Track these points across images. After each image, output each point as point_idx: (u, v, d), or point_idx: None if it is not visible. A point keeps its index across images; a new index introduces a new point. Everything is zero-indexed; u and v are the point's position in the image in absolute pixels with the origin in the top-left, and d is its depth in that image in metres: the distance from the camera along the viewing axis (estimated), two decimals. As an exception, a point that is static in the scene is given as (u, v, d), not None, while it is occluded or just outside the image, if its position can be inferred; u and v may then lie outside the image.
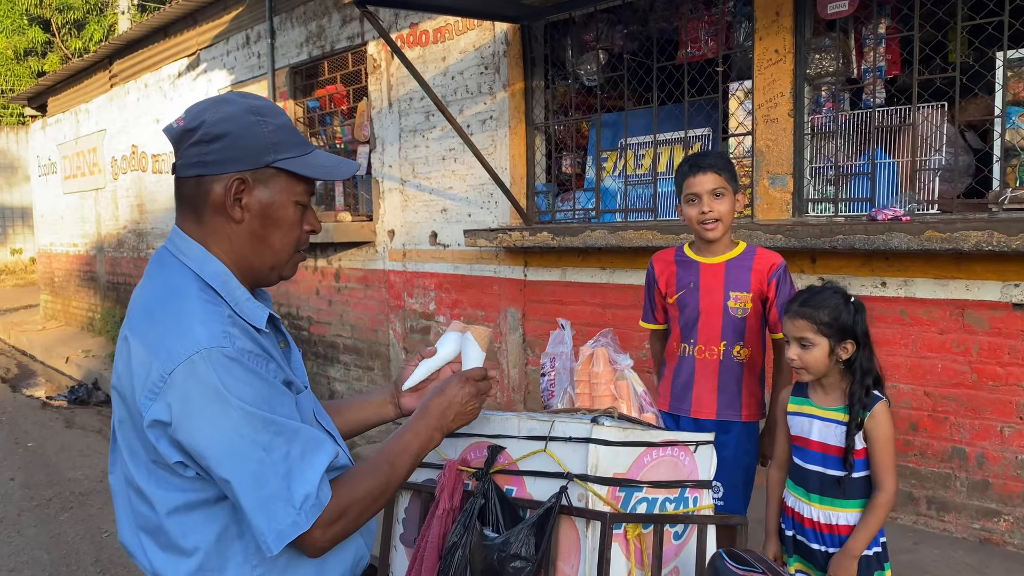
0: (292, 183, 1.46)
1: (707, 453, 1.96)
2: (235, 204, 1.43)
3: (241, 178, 1.42)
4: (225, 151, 1.40)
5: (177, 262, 1.45)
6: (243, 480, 1.31)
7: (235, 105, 1.44)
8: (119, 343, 1.42)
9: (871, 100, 4.06)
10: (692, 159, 2.76)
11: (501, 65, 5.51)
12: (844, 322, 2.26)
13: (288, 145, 1.45)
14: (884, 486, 2.27)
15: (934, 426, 3.72)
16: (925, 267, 3.67)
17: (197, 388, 1.29)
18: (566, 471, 1.76)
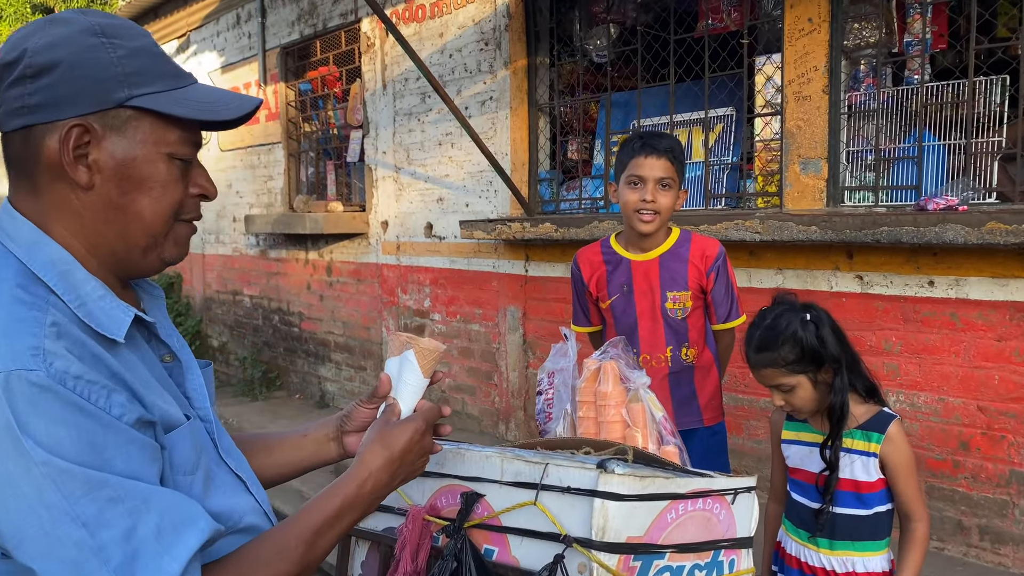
0: (161, 129, 1.04)
1: (748, 503, 1.52)
2: (77, 162, 1.01)
3: (82, 124, 1.00)
4: (56, 88, 0.99)
5: (2, 247, 1.02)
6: (55, 573, 0.88)
7: (70, 24, 1.02)
8: None
9: (914, 77, 3.60)
10: (646, 137, 2.43)
11: (502, 40, 5.05)
12: (812, 348, 1.93)
13: (151, 75, 1.03)
14: (918, 515, 1.94)
15: (989, 446, 3.26)
16: (981, 264, 3.21)
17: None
18: (563, 533, 1.32)
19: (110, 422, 0.93)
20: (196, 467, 1.07)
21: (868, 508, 1.96)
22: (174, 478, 1.03)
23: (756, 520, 1.54)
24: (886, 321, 3.51)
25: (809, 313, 2.00)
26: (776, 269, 3.83)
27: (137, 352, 1.07)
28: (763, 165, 3.94)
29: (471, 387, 5.54)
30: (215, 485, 1.10)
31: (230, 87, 8.07)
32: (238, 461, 1.22)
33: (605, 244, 2.61)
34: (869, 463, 1.95)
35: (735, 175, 4.14)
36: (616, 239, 2.59)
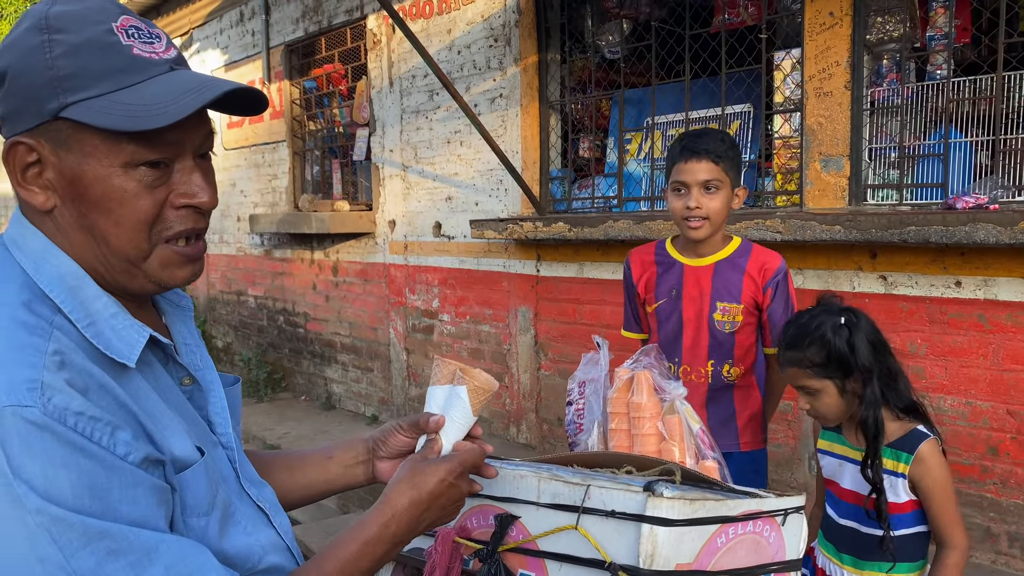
0: (110, 139, 0.89)
1: (797, 523, 1.43)
2: (30, 183, 0.91)
3: (23, 143, 0.89)
4: (6, 101, 0.89)
5: (10, 259, 0.93)
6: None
7: (24, 20, 0.89)
8: None
9: (937, 72, 3.51)
10: (687, 139, 2.30)
11: (512, 36, 4.96)
12: (841, 353, 1.85)
13: (89, 76, 0.87)
14: (953, 543, 1.84)
15: (1019, 451, 3.18)
16: (1011, 264, 3.12)
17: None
18: (608, 560, 1.24)
19: (114, 463, 0.84)
20: (212, 507, 0.99)
21: (896, 529, 1.88)
22: (186, 521, 0.94)
23: (805, 541, 1.46)
24: (911, 323, 3.42)
25: (845, 317, 1.92)
26: (796, 269, 3.74)
27: (151, 377, 0.98)
28: (782, 163, 3.85)
29: (481, 389, 5.45)
30: (234, 522, 1.02)
31: (234, 85, 7.98)
32: (260, 490, 1.14)
33: (659, 246, 2.48)
34: (897, 483, 1.88)
35: (753, 173, 4.05)
36: (672, 242, 2.46)
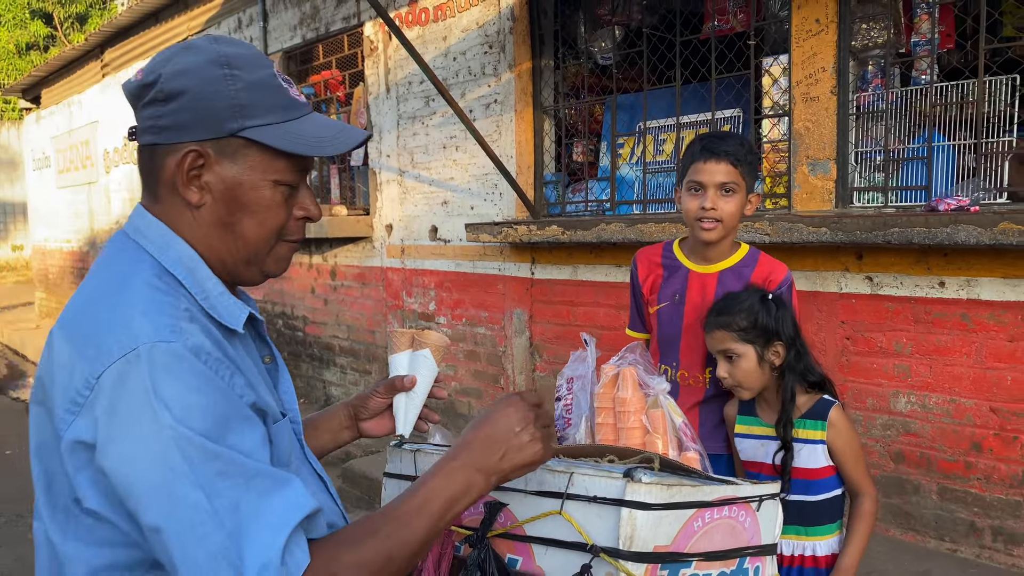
0: (269, 158, 1.11)
1: (772, 509, 1.51)
2: (190, 183, 1.10)
3: (197, 150, 1.08)
4: (180, 114, 1.07)
5: (135, 245, 1.11)
6: (175, 531, 0.94)
7: (200, 53, 1.09)
8: (45, 345, 1.07)
9: (921, 77, 3.59)
10: (707, 140, 2.29)
11: (507, 43, 5.04)
12: (765, 323, 1.99)
13: (263, 108, 1.09)
14: (865, 492, 2.00)
15: (1002, 447, 3.25)
16: (992, 264, 3.20)
17: (127, 397, 0.95)
18: (590, 543, 1.31)
19: (234, 399, 1.01)
20: (290, 462, 1.15)
21: (817, 495, 1.99)
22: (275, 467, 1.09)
23: (780, 526, 1.53)
24: (896, 322, 3.50)
25: (772, 295, 2.06)
26: (785, 271, 3.81)
27: (246, 348, 1.15)
28: (771, 166, 3.93)
29: (477, 390, 5.52)
30: (304, 482, 1.13)
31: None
32: (316, 463, 1.28)
33: (667, 247, 2.47)
34: (817, 450, 1.99)
35: (742, 176, 4.12)
36: (680, 245, 2.45)
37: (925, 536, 3.48)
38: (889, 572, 3.30)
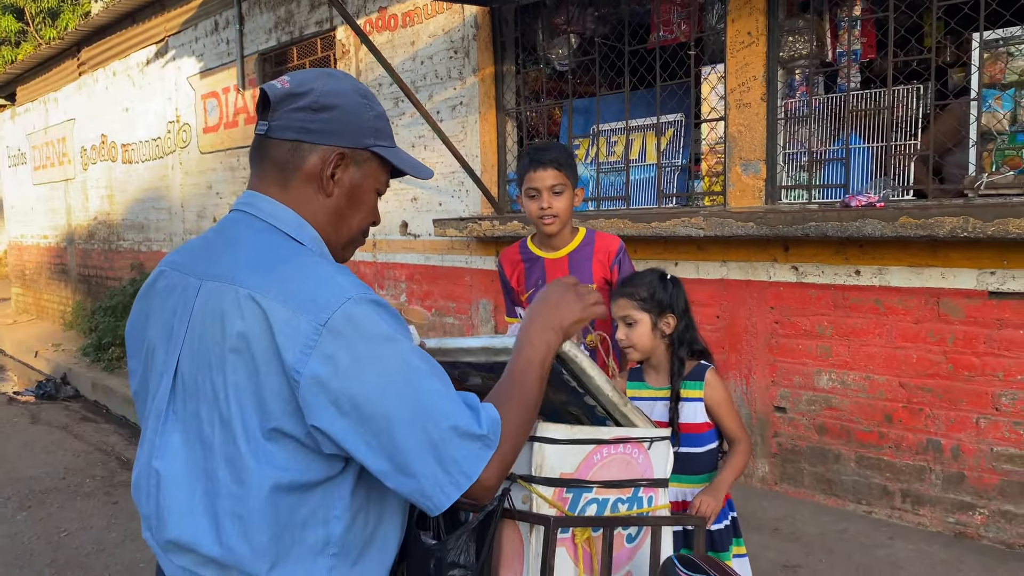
0: (380, 171, 1.44)
1: (662, 450, 1.85)
2: (330, 177, 1.37)
3: (342, 153, 1.38)
4: (332, 123, 1.36)
5: (266, 225, 1.35)
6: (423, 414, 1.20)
7: (345, 82, 1.39)
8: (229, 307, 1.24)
9: (846, 84, 3.96)
10: (533, 152, 2.74)
11: (471, 49, 5.36)
12: (661, 297, 2.35)
13: (384, 134, 1.44)
14: (739, 438, 2.35)
15: (909, 418, 3.63)
16: (900, 255, 3.58)
17: (358, 332, 1.20)
18: (510, 472, 1.64)
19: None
20: None
21: (699, 447, 2.34)
22: None
23: (671, 465, 1.88)
24: (819, 307, 3.87)
25: (671, 275, 2.42)
26: (721, 262, 4.18)
27: None
28: (709, 167, 4.29)
29: (445, 377, 5.85)
30: None
31: (210, 91, 8.31)
32: None
33: (523, 244, 2.90)
34: (697, 407, 2.34)
35: (685, 176, 4.49)
36: (532, 240, 2.88)
37: (845, 500, 3.86)
38: (810, 532, 3.67)
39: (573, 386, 1.68)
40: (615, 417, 1.78)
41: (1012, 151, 3.37)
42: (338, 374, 1.18)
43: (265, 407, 1.22)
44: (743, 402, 4.16)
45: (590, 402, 1.75)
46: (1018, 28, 3.30)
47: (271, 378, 1.21)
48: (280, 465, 1.23)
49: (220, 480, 1.25)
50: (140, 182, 9.82)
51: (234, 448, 1.24)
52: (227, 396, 1.24)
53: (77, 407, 8.16)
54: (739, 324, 4.14)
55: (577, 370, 1.61)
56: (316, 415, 1.19)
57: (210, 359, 1.26)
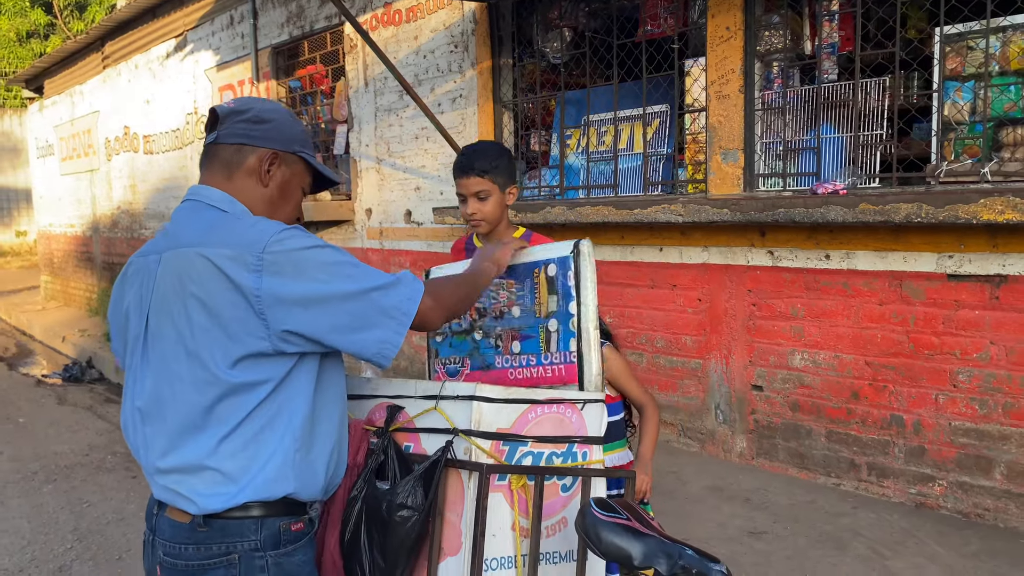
0: (304, 173, 1.81)
1: (596, 411, 2.07)
2: (266, 172, 1.73)
3: (276, 154, 1.74)
4: (269, 131, 1.74)
5: (207, 206, 1.68)
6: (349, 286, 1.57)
7: (277, 105, 1.86)
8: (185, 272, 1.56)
9: (825, 76, 4.12)
10: (461, 158, 2.77)
11: (470, 44, 5.57)
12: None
13: (308, 145, 1.83)
14: (644, 402, 2.56)
15: (874, 394, 3.81)
16: (866, 239, 3.75)
17: (289, 249, 1.55)
18: (453, 426, 1.87)
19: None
20: None
21: (609, 416, 2.47)
22: None
23: (605, 424, 2.09)
24: (792, 290, 4.06)
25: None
26: (703, 247, 4.37)
27: None
28: (692, 156, 4.48)
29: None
30: None
31: (226, 83, 8.59)
32: None
33: (469, 239, 2.97)
34: None
35: (670, 165, 4.68)
36: (476, 236, 2.91)
37: (816, 473, 4.06)
38: (781, 502, 3.87)
39: (570, 287, 2.09)
40: (582, 336, 2.09)
41: (971, 140, 3.53)
42: (287, 282, 1.53)
43: (232, 336, 1.53)
44: (723, 380, 4.37)
45: (573, 310, 2.09)
46: (976, 23, 3.45)
47: (230, 309, 1.52)
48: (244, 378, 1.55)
49: (190, 401, 1.56)
50: (161, 172, 10.15)
51: (202, 371, 1.54)
52: (192, 334, 1.55)
53: (101, 389, 8.51)
54: (719, 307, 4.34)
55: (583, 269, 2.07)
56: (284, 320, 1.53)
57: (172, 308, 1.57)
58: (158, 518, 1.66)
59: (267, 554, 1.62)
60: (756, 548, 3.42)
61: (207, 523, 1.58)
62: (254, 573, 1.60)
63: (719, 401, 4.41)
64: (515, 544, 1.92)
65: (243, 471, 1.57)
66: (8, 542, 4.52)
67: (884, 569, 3.19)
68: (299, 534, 1.69)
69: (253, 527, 1.61)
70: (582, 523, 1.78)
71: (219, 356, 1.54)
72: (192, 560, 1.59)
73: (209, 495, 1.57)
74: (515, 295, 2.27)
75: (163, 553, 1.63)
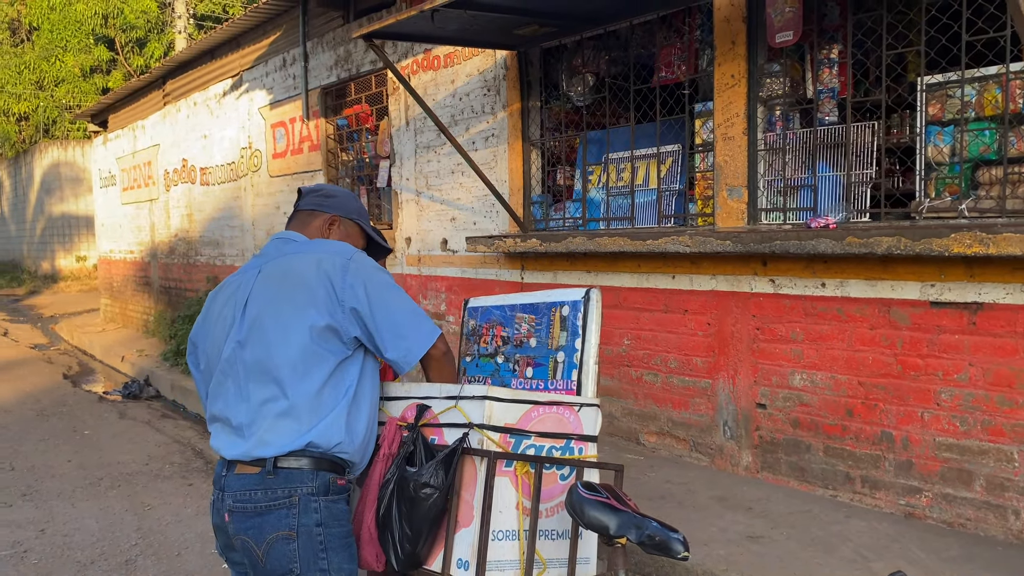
0: (359, 235, 2.52)
1: (591, 414, 2.47)
2: (327, 229, 2.45)
3: (336, 218, 2.47)
4: (333, 203, 2.49)
5: (292, 240, 2.40)
6: (398, 301, 2.26)
7: (343, 188, 2.81)
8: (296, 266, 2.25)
9: (825, 118, 4.50)
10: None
11: (501, 88, 6.06)
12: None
13: (364, 216, 2.56)
14: None
15: (866, 412, 4.14)
16: (858, 269, 4.10)
17: (364, 264, 2.25)
18: (469, 421, 2.30)
19: None
20: None
21: None
22: None
23: (599, 425, 2.50)
24: (792, 316, 4.41)
25: None
26: (711, 275, 4.76)
27: None
28: (702, 191, 4.88)
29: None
30: None
31: (278, 121, 9.21)
32: None
33: None
34: None
35: (682, 199, 5.08)
36: None
37: (814, 485, 4.38)
38: (780, 511, 4.20)
39: (578, 326, 2.53)
40: (583, 369, 2.50)
41: (951, 179, 3.87)
42: (360, 282, 2.19)
43: (319, 309, 2.15)
44: (730, 399, 4.72)
45: (578, 346, 2.52)
46: (954, 73, 3.82)
47: (322, 292, 2.16)
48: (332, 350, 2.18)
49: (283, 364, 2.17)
50: (216, 202, 10.81)
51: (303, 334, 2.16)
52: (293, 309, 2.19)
53: (158, 405, 9.10)
54: (726, 330, 4.70)
55: (591, 313, 2.52)
56: (352, 300, 2.18)
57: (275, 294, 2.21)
58: (227, 478, 2.18)
59: (319, 499, 2.11)
60: (752, 550, 3.76)
61: (275, 471, 2.09)
62: (309, 513, 2.09)
63: (727, 418, 4.76)
64: (518, 520, 2.33)
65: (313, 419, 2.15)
66: (80, 539, 5.03)
67: (867, 570, 3.51)
68: (342, 488, 2.19)
69: (310, 476, 2.12)
70: (569, 500, 2.19)
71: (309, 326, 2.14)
72: (260, 503, 2.08)
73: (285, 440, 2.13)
74: (534, 328, 2.70)
75: (232, 502, 2.13)
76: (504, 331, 2.76)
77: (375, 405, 2.35)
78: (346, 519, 2.22)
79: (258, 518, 2.10)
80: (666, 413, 5.09)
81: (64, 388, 10.19)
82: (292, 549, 2.07)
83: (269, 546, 2.08)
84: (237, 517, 2.12)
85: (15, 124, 28.45)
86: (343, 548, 2.17)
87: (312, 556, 2.09)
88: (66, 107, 25.68)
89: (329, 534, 2.12)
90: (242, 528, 2.12)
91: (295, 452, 2.11)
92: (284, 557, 2.08)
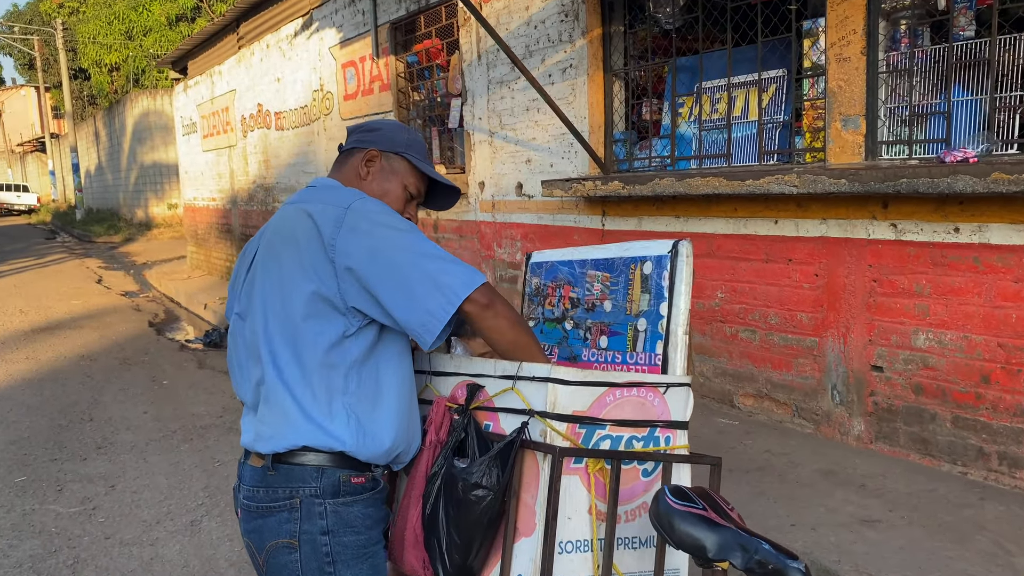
0: (408, 172, 1.96)
1: (682, 395, 2.01)
2: (364, 166, 1.94)
3: (376, 152, 1.95)
4: (374, 137, 1.97)
5: (313, 188, 1.92)
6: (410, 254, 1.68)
7: (394, 121, 2.20)
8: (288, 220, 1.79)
9: (961, 32, 3.80)
10: None
11: (580, 12, 5.48)
12: None
13: (415, 150, 1.99)
14: None
15: (1007, 379, 3.53)
16: (1001, 211, 3.46)
17: (367, 212, 1.71)
18: (529, 407, 1.87)
19: None
20: None
21: None
22: None
23: (691, 409, 2.03)
24: (917, 265, 3.80)
25: None
26: (821, 219, 4.16)
27: None
28: (810, 123, 4.25)
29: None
30: None
31: (348, 60, 8.82)
32: None
33: None
34: None
35: (787, 132, 4.45)
36: None
37: (940, 460, 3.81)
38: (899, 489, 3.67)
39: (664, 287, 2.08)
40: (669, 340, 2.05)
41: None
42: (357, 233, 1.67)
43: (306, 272, 1.69)
44: (840, 360, 4.16)
45: (664, 311, 2.06)
46: None
47: (310, 252, 1.69)
48: (329, 326, 1.70)
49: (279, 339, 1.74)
50: (290, 147, 10.58)
51: (290, 304, 1.72)
52: (281, 273, 1.75)
53: (238, 354, 9.05)
54: (837, 282, 4.12)
55: (679, 271, 2.07)
56: (346, 258, 1.65)
57: (269, 256, 1.78)
58: (243, 466, 1.83)
59: (326, 501, 1.72)
60: (867, 537, 3.26)
61: (275, 467, 1.72)
62: (312, 518, 1.71)
63: (836, 381, 4.20)
64: (591, 528, 1.90)
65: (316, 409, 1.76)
66: (148, 496, 4.89)
67: (1009, 566, 2.97)
68: (360, 487, 1.77)
69: (314, 475, 1.72)
70: (655, 510, 1.74)
71: (296, 294, 1.70)
72: (262, 503, 1.73)
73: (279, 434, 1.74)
74: (609, 289, 2.24)
75: (243, 497, 1.78)
76: (573, 291, 2.31)
77: (405, 390, 1.88)
78: (363, 525, 1.79)
79: (260, 520, 1.74)
80: (764, 374, 4.56)
81: (148, 336, 10.28)
82: (293, 560, 1.71)
83: (268, 554, 1.73)
84: (245, 515, 1.79)
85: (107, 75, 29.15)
86: (357, 560, 1.76)
87: (316, 570, 1.71)
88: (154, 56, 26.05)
89: (338, 544, 1.73)
90: (247, 529, 1.78)
91: (294, 448, 1.73)
92: (284, 569, 1.72)
